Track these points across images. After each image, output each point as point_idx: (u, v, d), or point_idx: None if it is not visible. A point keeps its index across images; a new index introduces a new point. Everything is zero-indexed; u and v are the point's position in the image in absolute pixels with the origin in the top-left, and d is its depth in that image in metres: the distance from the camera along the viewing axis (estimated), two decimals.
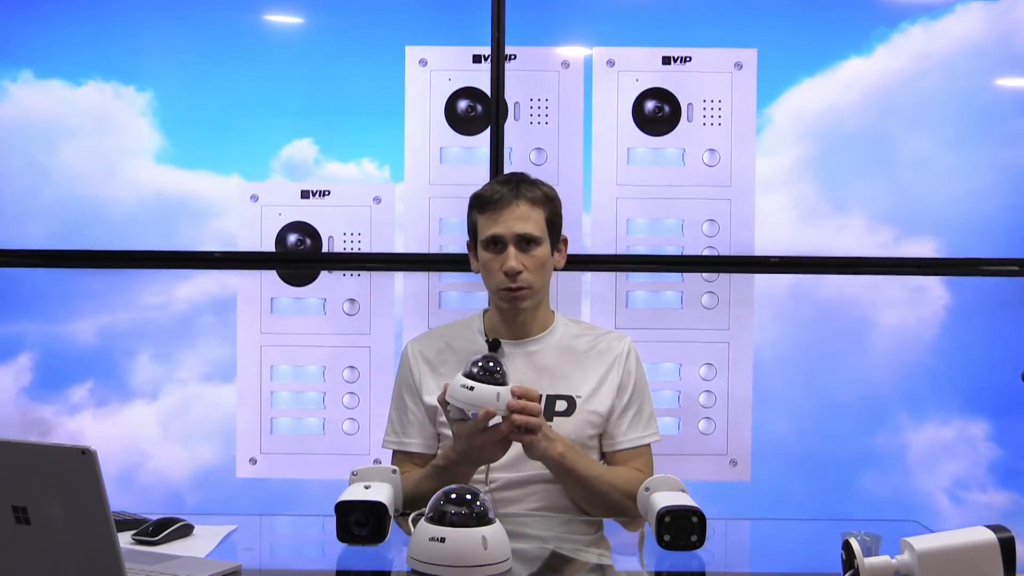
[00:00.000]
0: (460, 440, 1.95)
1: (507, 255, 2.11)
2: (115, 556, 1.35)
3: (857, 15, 2.97)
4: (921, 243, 2.99)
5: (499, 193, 2.14)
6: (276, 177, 2.98)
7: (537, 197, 2.16)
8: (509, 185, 2.16)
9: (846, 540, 1.52)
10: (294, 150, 3.01)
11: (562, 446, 2.02)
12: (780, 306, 2.98)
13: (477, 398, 1.87)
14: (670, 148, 2.95)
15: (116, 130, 2.98)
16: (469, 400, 1.87)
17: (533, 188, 2.17)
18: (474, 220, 2.19)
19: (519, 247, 2.12)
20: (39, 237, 2.96)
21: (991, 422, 3.00)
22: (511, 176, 2.21)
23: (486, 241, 2.14)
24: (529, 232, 2.12)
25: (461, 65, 2.97)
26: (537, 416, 1.93)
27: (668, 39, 2.99)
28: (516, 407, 1.89)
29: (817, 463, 2.96)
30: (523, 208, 2.13)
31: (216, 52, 3.01)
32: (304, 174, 2.99)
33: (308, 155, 3.01)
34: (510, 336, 2.20)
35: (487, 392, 1.87)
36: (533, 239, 2.13)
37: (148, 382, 2.97)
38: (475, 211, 2.18)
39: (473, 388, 1.87)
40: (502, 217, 2.12)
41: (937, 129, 2.99)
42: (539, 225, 2.14)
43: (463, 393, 1.88)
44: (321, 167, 3.01)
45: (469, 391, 1.87)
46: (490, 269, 2.14)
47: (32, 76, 2.99)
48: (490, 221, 2.13)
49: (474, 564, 1.60)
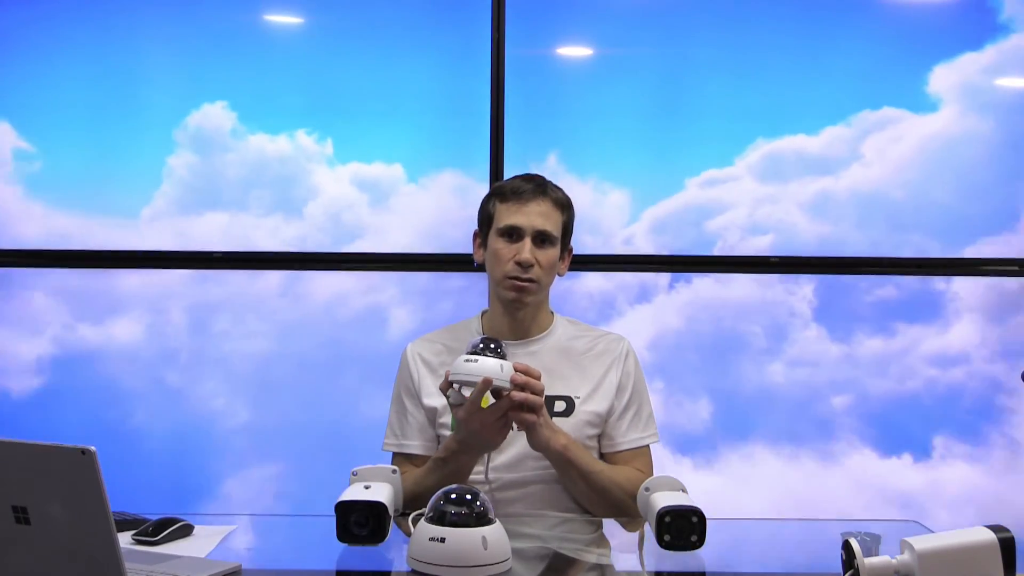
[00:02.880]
0: (460, 427, 1.96)
1: (523, 246, 2.12)
2: (115, 556, 1.35)
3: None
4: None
5: (525, 187, 2.16)
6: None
7: (560, 199, 2.18)
8: (535, 182, 2.18)
9: (846, 540, 1.52)
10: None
11: (565, 439, 2.02)
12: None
13: (481, 369, 1.87)
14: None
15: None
16: (474, 371, 1.88)
17: (557, 190, 2.20)
18: (491, 209, 2.18)
19: (535, 242, 2.13)
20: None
21: (991, 422, 3.01)
22: (535, 175, 2.22)
23: (503, 229, 2.14)
24: (548, 230, 2.14)
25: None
26: (539, 395, 1.93)
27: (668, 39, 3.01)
28: (520, 380, 1.91)
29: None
30: (546, 206, 2.15)
31: (217, 52, 3.02)
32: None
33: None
34: (509, 336, 2.19)
35: (491, 363, 1.88)
36: (549, 238, 2.14)
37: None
38: (495, 200, 2.18)
39: (477, 360, 1.88)
40: (526, 209, 2.13)
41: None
42: (557, 226, 2.16)
43: (467, 367, 1.88)
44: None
45: (474, 363, 1.88)
46: (501, 257, 2.14)
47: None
48: (511, 210, 2.14)
49: (474, 564, 1.60)
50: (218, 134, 3.04)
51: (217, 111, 3.03)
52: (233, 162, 3.06)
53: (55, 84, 3.04)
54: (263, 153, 3.06)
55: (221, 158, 3.06)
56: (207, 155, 3.05)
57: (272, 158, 3.05)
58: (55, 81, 3.04)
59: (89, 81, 3.04)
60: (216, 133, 3.04)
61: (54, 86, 3.04)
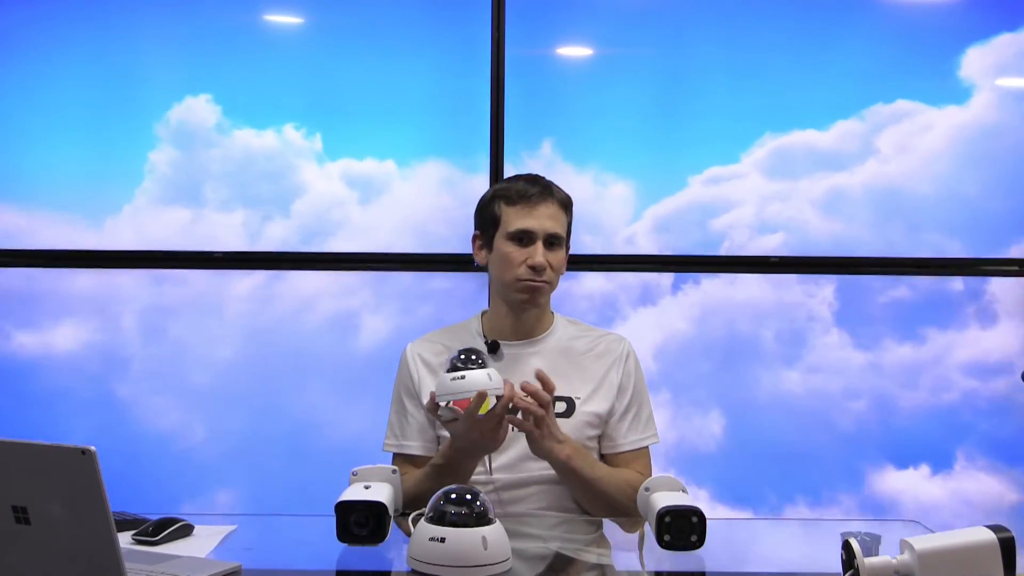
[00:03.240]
0: (458, 437, 1.95)
1: (535, 250, 2.12)
2: (115, 556, 1.35)
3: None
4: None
5: (531, 190, 2.15)
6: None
7: (565, 200, 2.19)
8: (540, 183, 2.18)
9: (846, 540, 1.52)
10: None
11: (569, 448, 2.02)
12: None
13: (470, 384, 1.87)
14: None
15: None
16: (463, 388, 1.87)
17: (561, 191, 2.20)
18: (498, 212, 2.18)
19: (546, 244, 2.13)
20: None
21: (990, 422, 3.01)
22: (536, 176, 2.21)
23: (515, 233, 2.14)
24: (559, 232, 2.15)
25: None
26: (545, 406, 1.93)
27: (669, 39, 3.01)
28: (530, 389, 1.91)
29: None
30: (554, 208, 2.15)
31: (215, 51, 3.02)
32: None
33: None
34: (511, 337, 2.19)
35: (478, 375, 1.87)
36: (559, 240, 2.15)
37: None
38: (501, 203, 2.17)
39: (464, 376, 1.87)
40: (536, 212, 2.13)
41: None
42: (564, 227, 2.17)
43: (455, 385, 1.87)
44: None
45: (460, 380, 1.87)
46: (512, 261, 2.14)
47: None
48: (522, 214, 2.14)
49: (474, 564, 1.60)
50: (201, 129, 3.01)
51: (203, 106, 3.00)
52: (216, 158, 3.03)
53: (52, 84, 3.03)
54: (249, 148, 3.03)
55: (205, 154, 3.03)
56: (190, 150, 3.02)
57: (258, 153, 3.02)
58: (53, 81, 3.03)
59: (81, 81, 3.02)
60: (200, 128, 3.01)
61: (51, 86, 3.03)
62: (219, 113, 3.01)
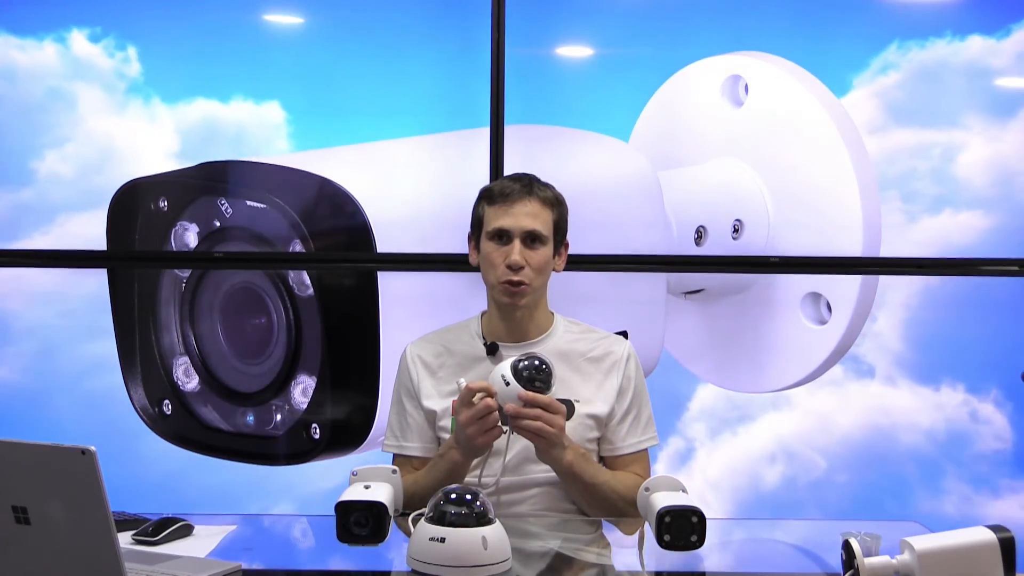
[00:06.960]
0: (460, 429, 1.96)
1: (512, 248, 2.11)
2: (115, 556, 1.35)
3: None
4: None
5: (512, 188, 2.15)
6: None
7: (548, 198, 2.16)
8: (522, 182, 2.17)
9: (846, 540, 1.52)
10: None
11: (572, 455, 2.01)
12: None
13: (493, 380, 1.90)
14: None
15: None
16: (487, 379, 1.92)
17: (545, 188, 2.18)
18: (481, 212, 2.18)
19: (525, 243, 2.12)
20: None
21: (990, 423, 3.01)
22: (523, 175, 2.21)
23: (492, 232, 2.13)
24: (537, 230, 2.12)
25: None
26: (555, 428, 1.92)
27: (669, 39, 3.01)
28: (534, 414, 1.90)
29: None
30: (534, 205, 2.13)
31: (216, 52, 3.02)
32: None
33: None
34: (508, 338, 2.19)
35: (506, 389, 1.89)
36: (539, 237, 2.13)
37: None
38: (484, 202, 2.18)
39: (509, 384, 1.89)
40: (513, 210, 2.12)
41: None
42: (547, 225, 2.15)
43: (493, 377, 1.91)
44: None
45: (501, 381, 1.89)
46: (492, 261, 2.13)
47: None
48: (499, 213, 2.13)
49: (474, 564, 1.60)
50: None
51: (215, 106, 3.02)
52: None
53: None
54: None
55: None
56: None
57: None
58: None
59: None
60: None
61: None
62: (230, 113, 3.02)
